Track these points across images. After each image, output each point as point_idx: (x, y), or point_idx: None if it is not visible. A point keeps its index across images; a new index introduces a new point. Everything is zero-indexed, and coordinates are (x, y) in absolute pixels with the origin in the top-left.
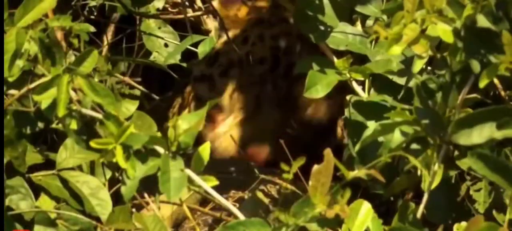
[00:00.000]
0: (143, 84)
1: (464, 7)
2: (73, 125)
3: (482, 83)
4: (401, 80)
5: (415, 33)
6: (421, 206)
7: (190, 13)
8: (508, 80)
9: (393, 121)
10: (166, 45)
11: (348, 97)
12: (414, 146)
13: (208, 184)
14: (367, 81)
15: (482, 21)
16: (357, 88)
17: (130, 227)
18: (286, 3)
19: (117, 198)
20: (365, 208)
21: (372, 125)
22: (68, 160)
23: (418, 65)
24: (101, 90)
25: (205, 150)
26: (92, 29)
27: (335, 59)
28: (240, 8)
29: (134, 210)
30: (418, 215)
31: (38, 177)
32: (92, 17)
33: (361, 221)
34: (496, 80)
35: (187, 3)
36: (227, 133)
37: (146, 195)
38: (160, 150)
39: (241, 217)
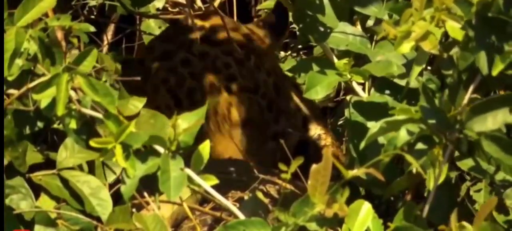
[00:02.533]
0: None
1: (472, 5)
2: (73, 124)
3: (496, 71)
4: (401, 80)
5: (423, 31)
6: (427, 206)
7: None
8: (507, 80)
9: (399, 118)
10: None
11: (348, 97)
12: (420, 145)
13: (208, 183)
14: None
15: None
16: (357, 88)
17: (130, 227)
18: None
19: (117, 198)
20: (365, 208)
21: (373, 126)
22: (68, 160)
23: (416, 71)
24: (101, 89)
25: (205, 149)
26: (92, 29)
27: (336, 60)
28: None
29: (134, 210)
30: (424, 214)
31: (39, 176)
32: (92, 16)
33: (361, 221)
34: None
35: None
36: None
37: (146, 194)
38: (160, 149)
39: (241, 216)
